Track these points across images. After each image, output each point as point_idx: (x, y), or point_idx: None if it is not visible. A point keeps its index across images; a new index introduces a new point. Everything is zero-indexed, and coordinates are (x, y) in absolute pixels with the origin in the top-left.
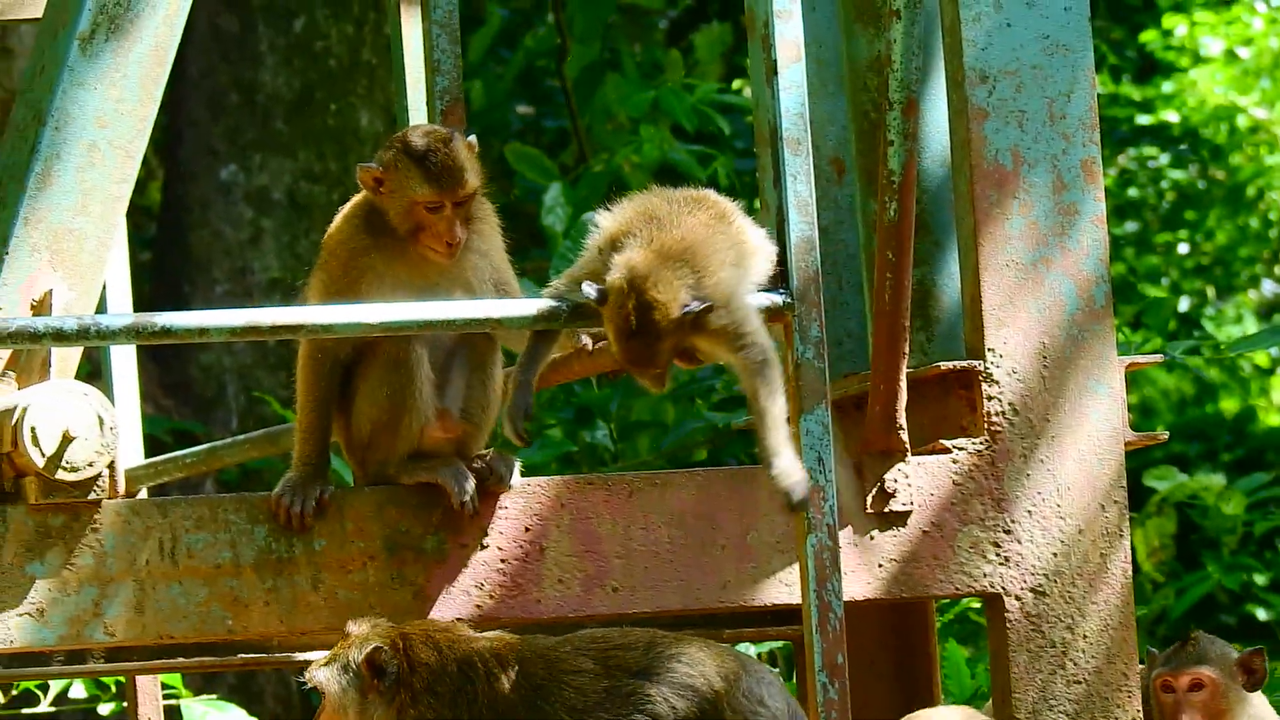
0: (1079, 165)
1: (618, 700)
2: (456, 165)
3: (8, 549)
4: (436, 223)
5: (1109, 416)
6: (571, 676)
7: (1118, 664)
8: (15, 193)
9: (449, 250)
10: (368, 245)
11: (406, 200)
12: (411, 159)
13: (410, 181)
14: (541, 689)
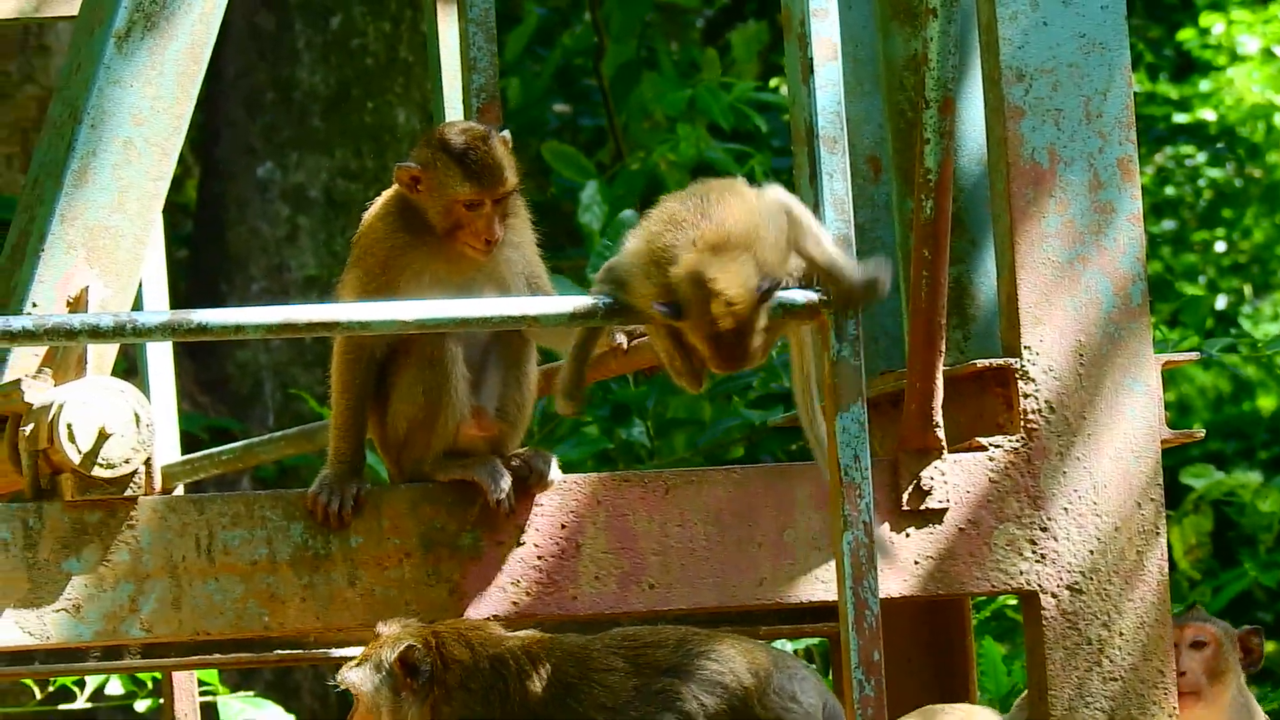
0: (1115, 163)
1: (647, 698)
2: (496, 163)
3: (44, 545)
4: (475, 220)
5: (1145, 414)
6: (602, 675)
7: (1154, 661)
8: (52, 190)
9: (487, 248)
10: (405, 243)
11: (446, 198)
12: (450, 157)
13: (450, 180)
14: (572, 687)
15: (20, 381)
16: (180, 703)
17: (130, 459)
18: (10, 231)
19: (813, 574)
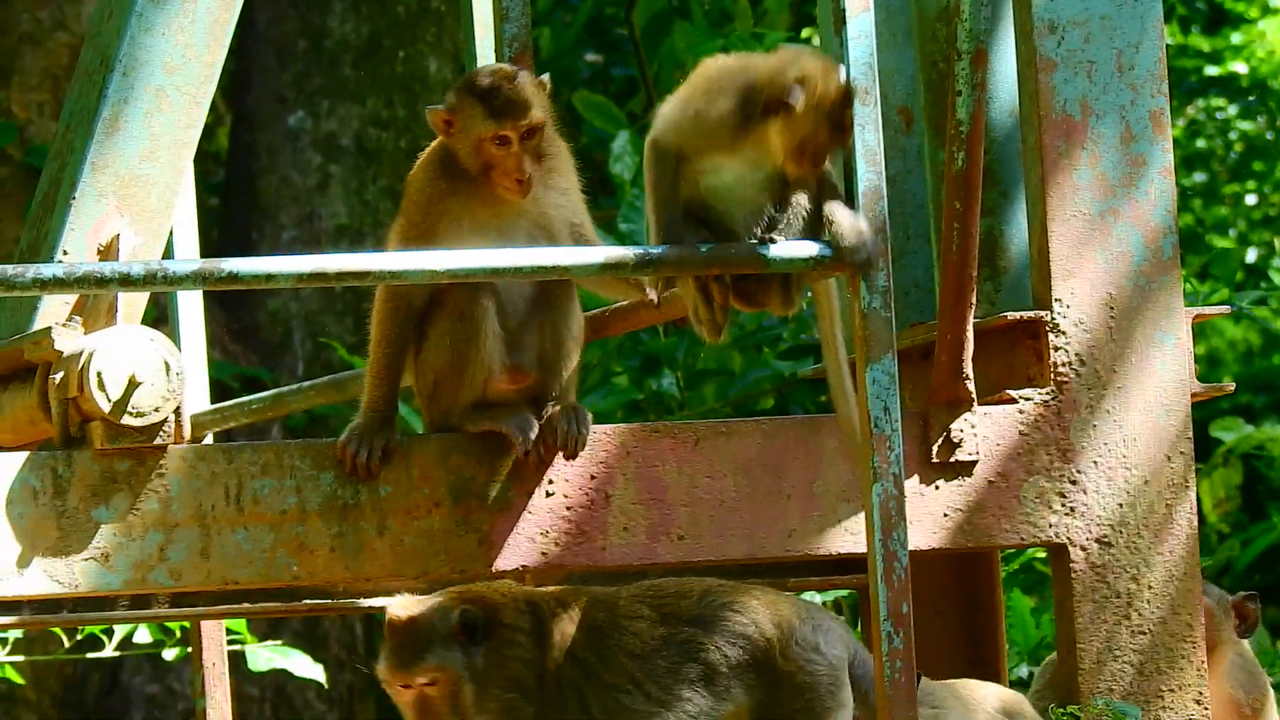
0: (1147, 116)
1: (673, 647)
2: (520, 98)
3: (74, 494)
4: (505, 159)
5: (1175, 367)
6: (630, 622)
7: (1182, 615)
8: (83, 138)
9: (520, 188)
10: (444, 190)
11: (474, 137)
12: (475, 95)
13: (475, 117)
14: (602, 633)
15: (51, 329)
16: (208, 651)
17: (160, 407)
18: (41, 179)
19: (842, 526)
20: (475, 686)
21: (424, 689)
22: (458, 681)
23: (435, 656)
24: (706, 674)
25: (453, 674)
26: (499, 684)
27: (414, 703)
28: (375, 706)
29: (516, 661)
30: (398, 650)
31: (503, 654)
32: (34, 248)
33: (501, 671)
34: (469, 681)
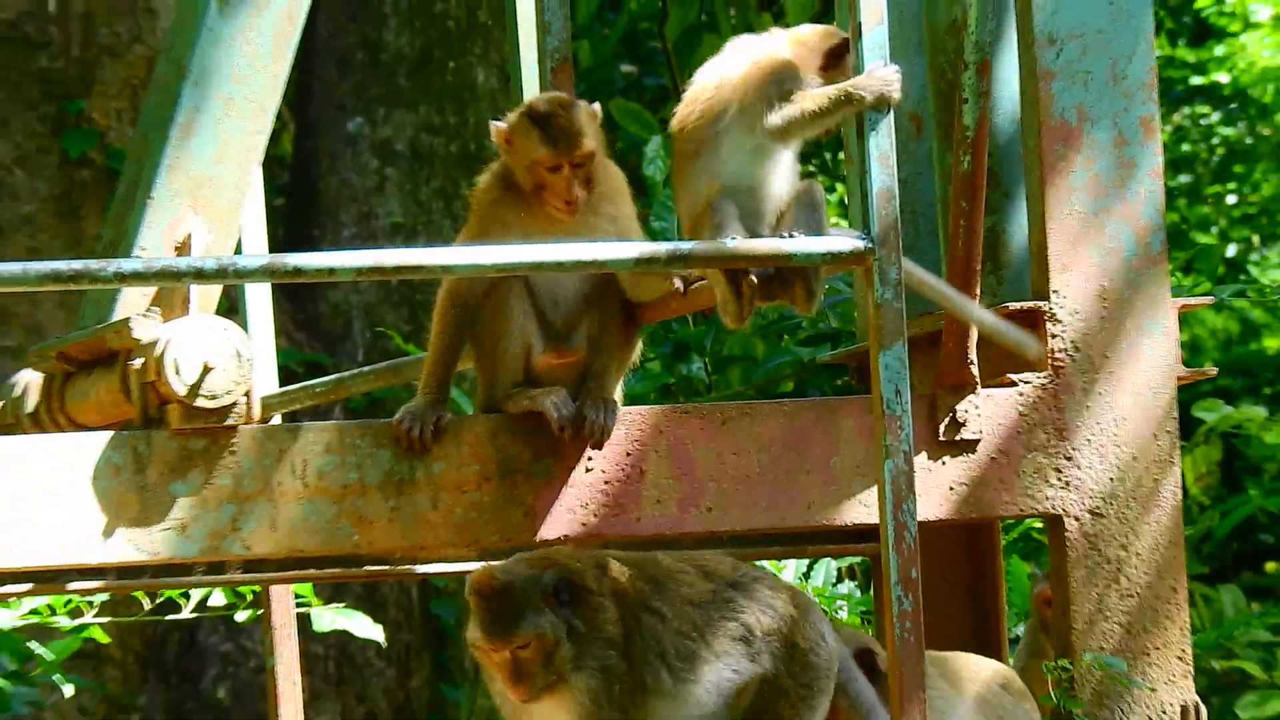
0: (1138, 122)
1: (720, 603)
2: (574, 129)
3: (153, 470)
4: (556, 182)
5: (1162, 353)
6: (680, 575)
7: (1167, 579)
8: (159, 143)
9: (567, 209)
10: (502, 198)
11: (529, 159)
12: (533, 122)
13: (530, 142)
14: (658, 582)
15: (130, 319)
16: (277, 614)
17: (232, 391)
18: (121, 181)
19: (856, 498)
20: (573, 647)
21: (518, 652)
22: (555, 643)
23: (531, 622)
24: (745, 635)
25: (549, 636)
26: (595, 643)
27: (507, 665)
28: (429, 664)
29: (607, 621)
30: (494, 618)
31: (594, 614)
32: (114, 244)
33: (595, 631)
34: (566, 642)
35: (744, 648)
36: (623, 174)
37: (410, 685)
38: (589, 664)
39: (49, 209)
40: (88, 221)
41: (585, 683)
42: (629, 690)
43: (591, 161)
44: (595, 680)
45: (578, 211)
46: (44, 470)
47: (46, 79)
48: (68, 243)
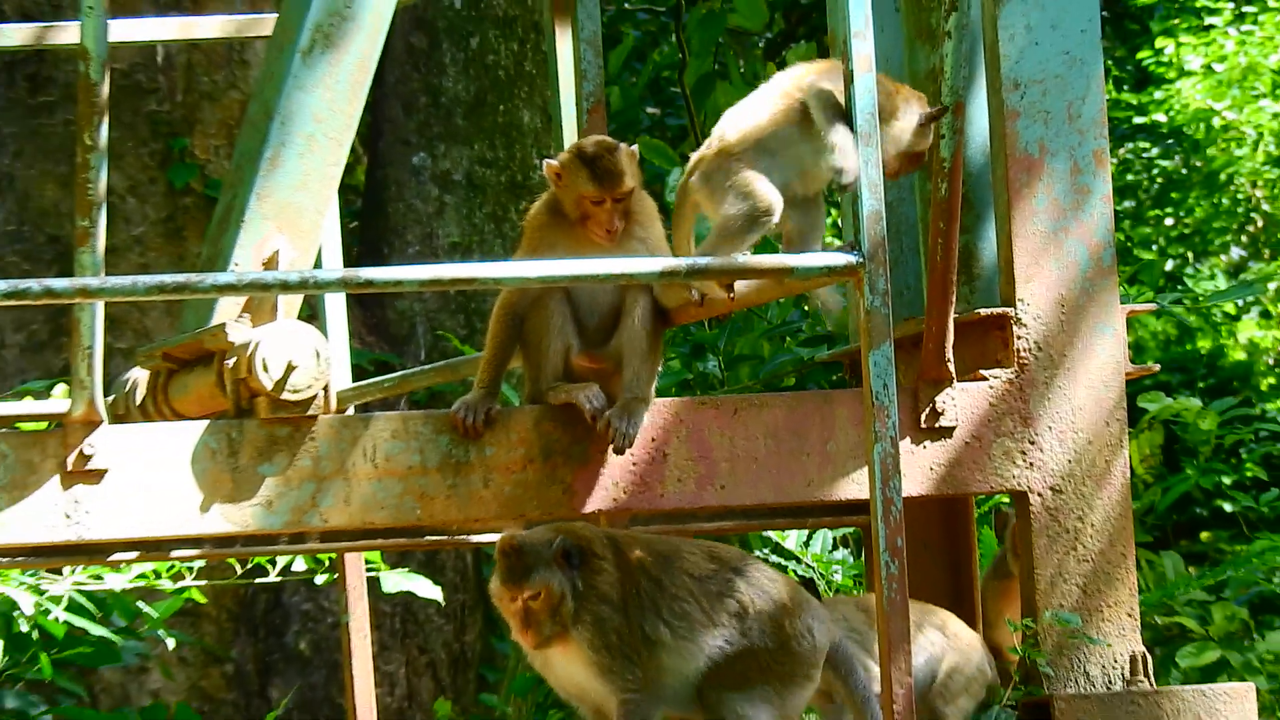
0: (1091, 155)
1: (720, 579)
2: (617, 170)
3: (244, 454)
4: (599, 214)
5: (1113, 352)
6: (688, 554)
7: (1118, 546)
8: (250, 173)
9: (608, 236)
10: (550, 223)
11: (576, 193)
12: (582, 161)
13: (579, 179)
14: (668, 559)
15: (225, 324)
16: (351, 577)
17: (312, 386)
18: (217, 206)
19: (849, 477)
20: (574, 602)
21: (528, 602)
22: (560, 596)
23: (541, 576)
24: (740, 611)
25: (554, 589)
26: (593, 599)
27: (519, 613)
28: (482, 620)
29: (605, 582)
30: (509, 570)
31: (594, 576)
32: (211, 260)
33: (594, 590)
34: (569, 597)
35: (738, 623)
36: (653, 201)
37: (465, 639)
38: (585, 617)
39: (156, 231)
40: (189, 242)
41: (584, 633)
42: (631, 640)
43: (630, 197)
44: (590, 631)
45: (616, 239)
46: (151, 454)
47: (155, 120)
48: (172, 260)
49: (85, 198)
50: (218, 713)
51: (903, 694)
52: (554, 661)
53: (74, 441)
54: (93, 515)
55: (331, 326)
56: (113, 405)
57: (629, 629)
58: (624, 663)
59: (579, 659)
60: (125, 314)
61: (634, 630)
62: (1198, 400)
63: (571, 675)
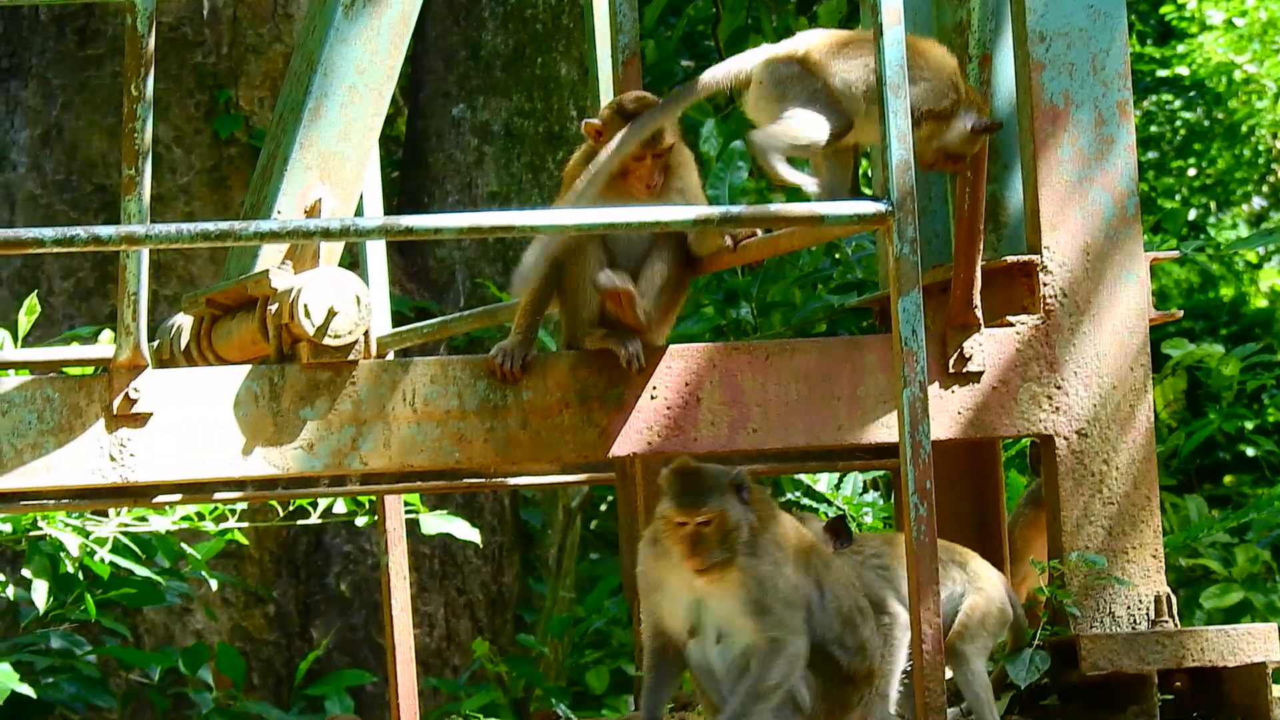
0: (1115, 106)
1: (865, 572)
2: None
3: (286, 398)
4: (639, 169)
5: (1136, 299)
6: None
7: (1142, 489)
8: (293, 124)
9: (649, 191)
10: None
11: None
12: (623, 118)
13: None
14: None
15: (268, 271)
16: (390, 519)
17: (352, 331)
18: (261, 156)
19: (879, 421)
20: (750, 536)
21: (700, 527)
22: (735, 527)
23: (717, 501)
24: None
25: (730, 518)
26: (770, 540)
27: (689, 537)
28: (519, 562)
29: (780, 526)
30: (685, 493)
31: (769, 519)
32: (255, 208)
33: (769, 531)
34: (744, 529)
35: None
36: (689, 152)
37: (503, 580)
38: (765, 555)
39: (202, 181)
40: (234, 191)
41: (759, 568)
42: (786, 594)
43: (670, 153)
44: (768, 569)
45: (657, 192)
46: (194, 398)
47: (201, 72)
48: (217, 209)
49: (131, 147)
50: (259, 653)
51: (931, 634)
52: (674, 591)
53: (119, 386)
54: (137, 458)
55: (372, 273)
56: (157, 350)
57: (789, 577)
58: (782, 605)
59: (735, 591)
60: (171, 261)
61: (793, 581)
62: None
63: (724, 607)
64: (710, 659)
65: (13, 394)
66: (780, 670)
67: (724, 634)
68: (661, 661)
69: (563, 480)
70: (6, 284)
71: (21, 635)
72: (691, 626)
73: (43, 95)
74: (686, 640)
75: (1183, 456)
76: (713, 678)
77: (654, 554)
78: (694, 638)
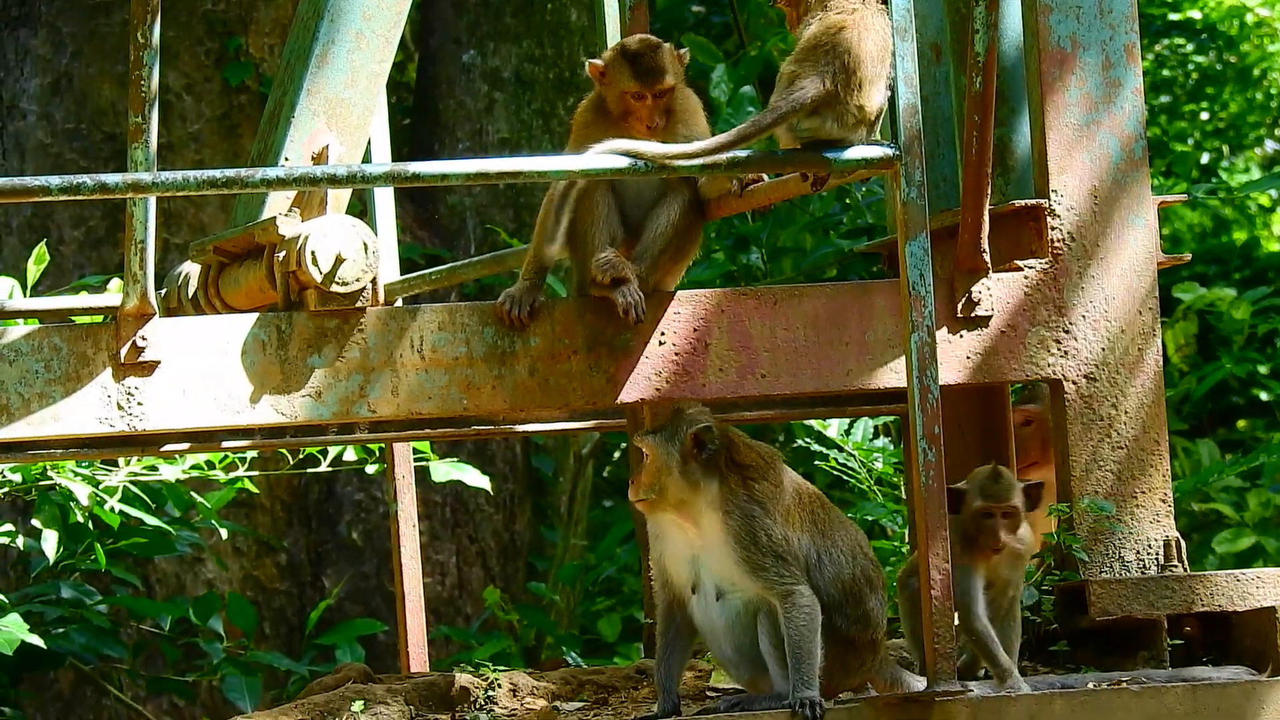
0: (1122, 49)
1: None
2: (658, 66)
3: (293, 345)
4: (640, 109)
5: (1145, 242)
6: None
7: (1151, 433)
8: (300, 71)
9: (649, 132)
10: (595, 121)
11: (619, 89)
12: (625, 59)
13: (622, 76)
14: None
15: (276, 218)
16: (399, 467)
17: (360, 278)
18: (268, 103)
19: (888, 366)
20: (734, 486)
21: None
22: (663, 469)
23: (655, 439)
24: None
25: (659, 461)
26: (757, 488)
27: (636, 464)
28: (530, 510)
29: (771, 476)
30: (653, 427)
31: (763, 464)
32: (262, 155)
33: (761, 477)
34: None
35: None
36: (697, 98)
37: (514, 528)
38: (751, 507)
39: (212, 128)
40: (244, 139)
41: (741, 522)
42: (775, 543)
43: (671, 94)
44: (749, 522)
45: (658, 134)
46: (202, 346)
47: (211, 19)
48: (227, 156)
49: (138, 95)
50: (271, 602)
51: (940, 580)
52: (701, 546)
53: (127, 334)
54: (145, 407)
55: (380, 221)
56: (165, 299)
57: (774, 530)
58: (773, 558)
59: (724, 548)
60: (181, 210)
61: (780, 534)
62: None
63: (717, 562)
64: (712, 616)
65: (20, 343)
66: (803, 619)
67: (722, 590)
68: (671, 624)
69: (572, 427)
70: (17, 233)
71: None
72: (693, 583)
73: (52, 44)
74: (690, 597)
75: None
76: (712, 633)
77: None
78: (695, 594)
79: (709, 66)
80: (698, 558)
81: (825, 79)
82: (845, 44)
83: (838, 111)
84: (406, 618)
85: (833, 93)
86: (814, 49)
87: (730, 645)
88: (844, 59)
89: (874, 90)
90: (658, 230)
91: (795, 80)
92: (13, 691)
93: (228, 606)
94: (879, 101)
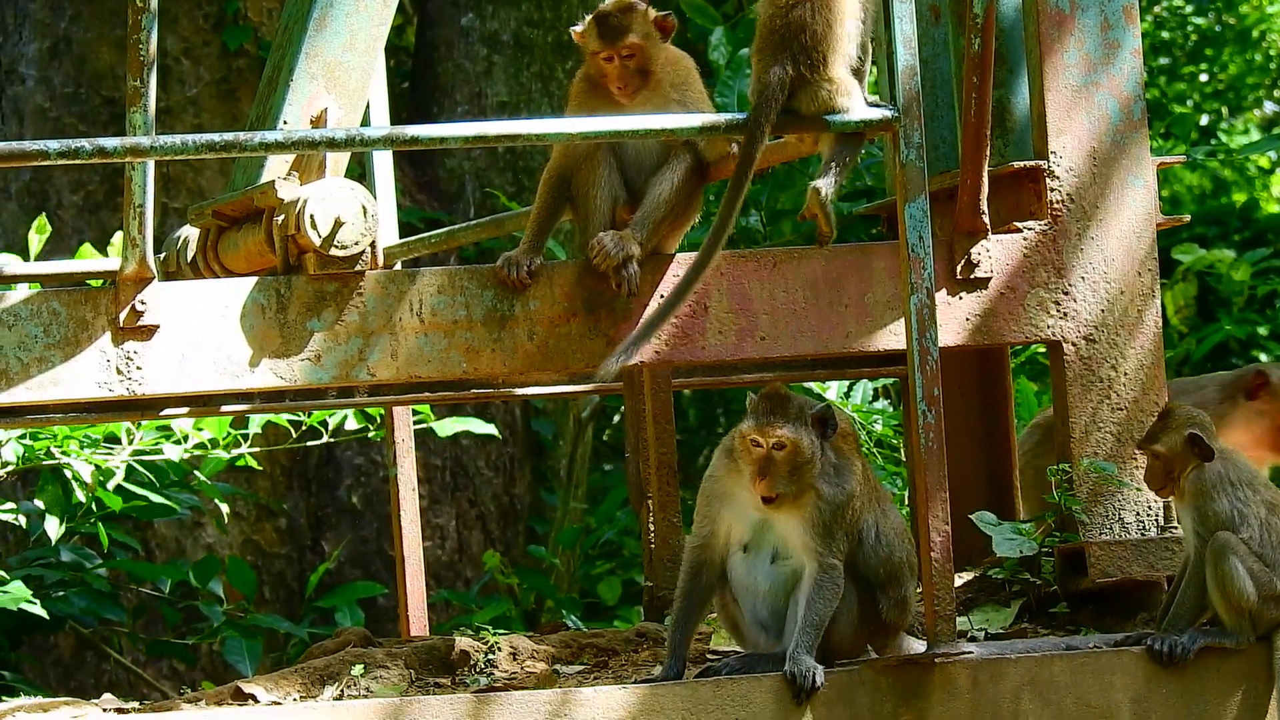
0: (1121, 10)
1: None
2: (621, 26)
3: (292, 309)
4: (609, 70)
5: (1144, 203)
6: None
7: (1150, 395)
8: (298, 33)
9: (622, 92)
10: (588, 89)
11: (590, 51)
12: (595, 21)
13: (591, 37)
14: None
15: (275, 181)
16: (399, 431)
17: (359, 242)
18: (267, 66)
19: (887, 328)
20: (822, 469)
21: (774, 451)
22: (808, 459)
23: (795, 429)
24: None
25: (805, 449)
26: (844, 476)
27: (761, 459)
28: (530, 473)
29: (853, 468)
30: (768, 413)
31: (844, 459)
32: (261, 119)
33: (842, 470)
34: (817, 463)
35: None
36: (691, 61)
37: (514, 491)
38: (841, 486)
39: (210, 92)
40: (243, 103)
41: (832, 495)
42: (849, 524)
43: (640, 54)
44: (842, 498)
45: (634, 95)
46: (201, 310)
47: None
48: (226, 120)
49: (136, 58)
50: (270, 566)
51: (940, 541)
52: (731, 516)
53: (126, 298)
54: (144, 371)
55: (379, 184)
56: (164, 263)
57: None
58: (843, 534)
59: (803, 516)
60: (181, 174)
61: (855, 520)
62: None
63: (790, 527)
64: (757, 578)
65: (18, 307)
66: (832, 592)
67: (780, 554)
68: (696, 585)
69: (571, 390)
70: (15, 198)
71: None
72: (746, 543)
73: (51, 8)
74: (732, 555)
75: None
76: (751, 593)
77: (728, 466)
78: (746, 553)
79: (707, 29)
80: (768, 521)
81: (787, 65)
82: (799, 22)
83: (810, 92)
84: (406, 581)
85: (798, 76)
86: (770, 34)
87: (768, 608)
88: (800, 39)
89: (843, 58)
90: (660, 196)
91: (759, 76)
92: (13, 655)
93: (227, 570)
94: (853, 62)
